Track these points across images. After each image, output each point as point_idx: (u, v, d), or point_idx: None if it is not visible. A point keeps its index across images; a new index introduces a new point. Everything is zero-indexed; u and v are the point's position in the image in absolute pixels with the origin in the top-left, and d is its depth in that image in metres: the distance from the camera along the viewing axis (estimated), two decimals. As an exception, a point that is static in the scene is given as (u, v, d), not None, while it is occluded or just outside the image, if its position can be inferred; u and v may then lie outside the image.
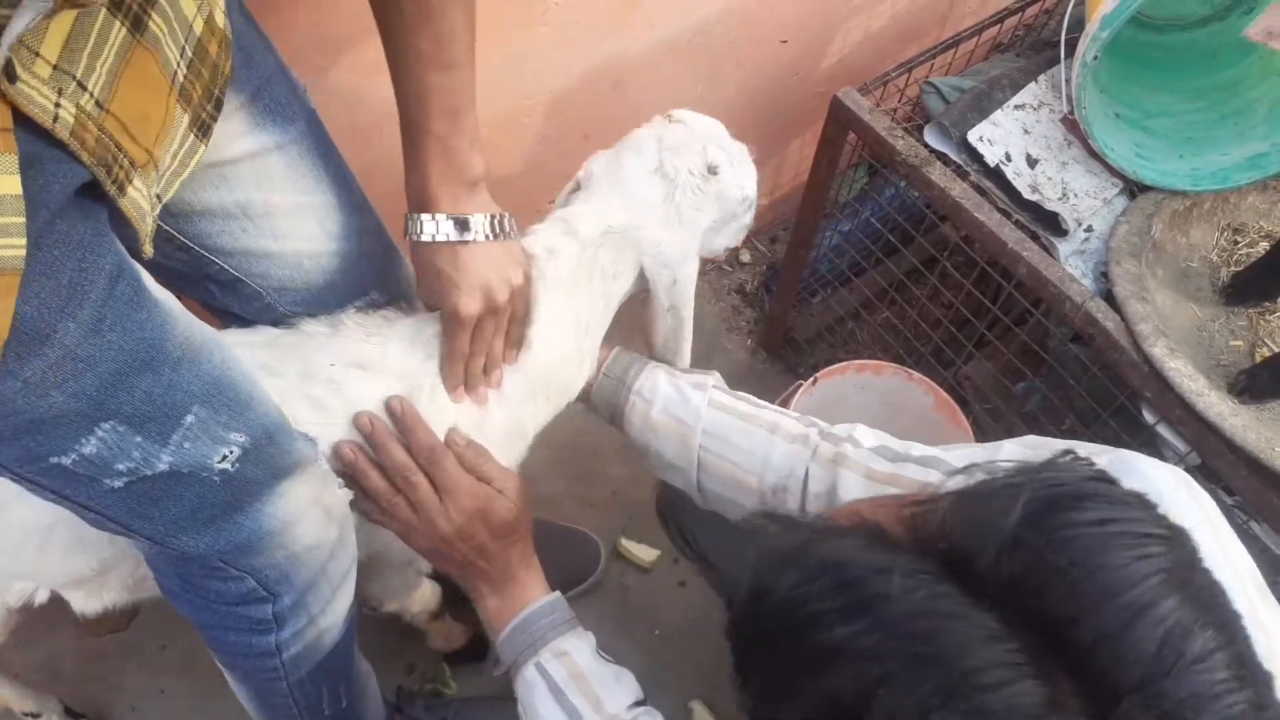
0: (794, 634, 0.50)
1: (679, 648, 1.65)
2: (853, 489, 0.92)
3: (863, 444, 0.98)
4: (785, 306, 1.89)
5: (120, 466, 0.74)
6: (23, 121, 0.59)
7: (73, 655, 1.56)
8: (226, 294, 0.98)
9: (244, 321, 1.01)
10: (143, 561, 0.98)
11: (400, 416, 0.95)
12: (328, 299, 1.01)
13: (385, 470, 0.96)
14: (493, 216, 0.95)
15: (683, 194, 0.98)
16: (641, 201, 0.98)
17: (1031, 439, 0.86)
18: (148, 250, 0.73)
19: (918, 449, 0.94)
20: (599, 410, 1.14)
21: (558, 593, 1.03)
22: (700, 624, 1.66)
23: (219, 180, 0.88)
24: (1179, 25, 1.59)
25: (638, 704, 0.95)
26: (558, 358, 1.03)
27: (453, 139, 0.90)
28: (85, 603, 1.07)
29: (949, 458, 0.90)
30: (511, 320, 1.00)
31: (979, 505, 0.50)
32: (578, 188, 1.05)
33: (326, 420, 0.95)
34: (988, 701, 0.43)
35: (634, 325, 1.14)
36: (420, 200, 0.94)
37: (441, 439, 0.98)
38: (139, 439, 0.74)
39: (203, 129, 0.79)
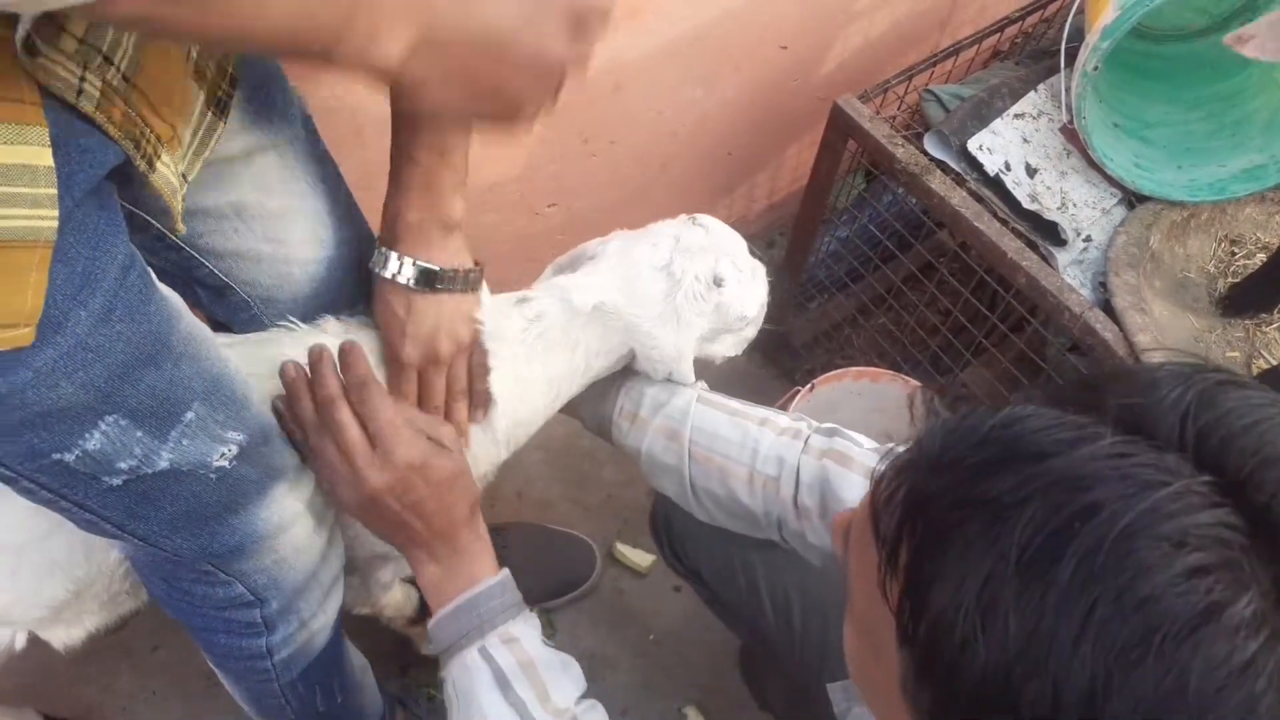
0: (977, 481, 0.49)
1: (673, 652, 1.64)
2: (856, 489, 0.92)
3: (862, 444, 0.98)
4: (783, 312, 1.89)
5: (121, 464, 0.74)
6: (49, 100, 0.59)
7: (64, 657, 1.54)
8: (213, 301, 0.97)
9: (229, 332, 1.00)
10: (117, 576, 0.97)
11: (345, 352, 0.88)
12: (314, 310, 0.99)
13: (316, 403, 0.87)
14: (461, 270, 0.93)
15: (684, 297, 0.98)
16: (643, 293, 0.99)
17: None
18: (180, 227, 0.75)
19: None
20: (586, 421, 1.14)
21: (505, 571, 0.93)
22: (695, 629, 1.65)
23: (214, 179, 0.87)
24: (1178, 36, 1.60)
25: (583, 697, 0.90)
26: (523, 417, 1.03)
27: (437, 173, 0.88)
28: (67, 633, 1.02)
29: None
30: (471, 376, 0.98)
31: (1147, 388, 0.50)
32: (584, 257, 1.05)
33: None
34: (1184, 525, 0.44)
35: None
36: (393, 230, 0.91)
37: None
38: (140, 434, 0.74)
39: (220, 106, 0.79)
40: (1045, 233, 1.42)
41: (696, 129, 1.69)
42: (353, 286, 1.03)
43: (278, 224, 0.93)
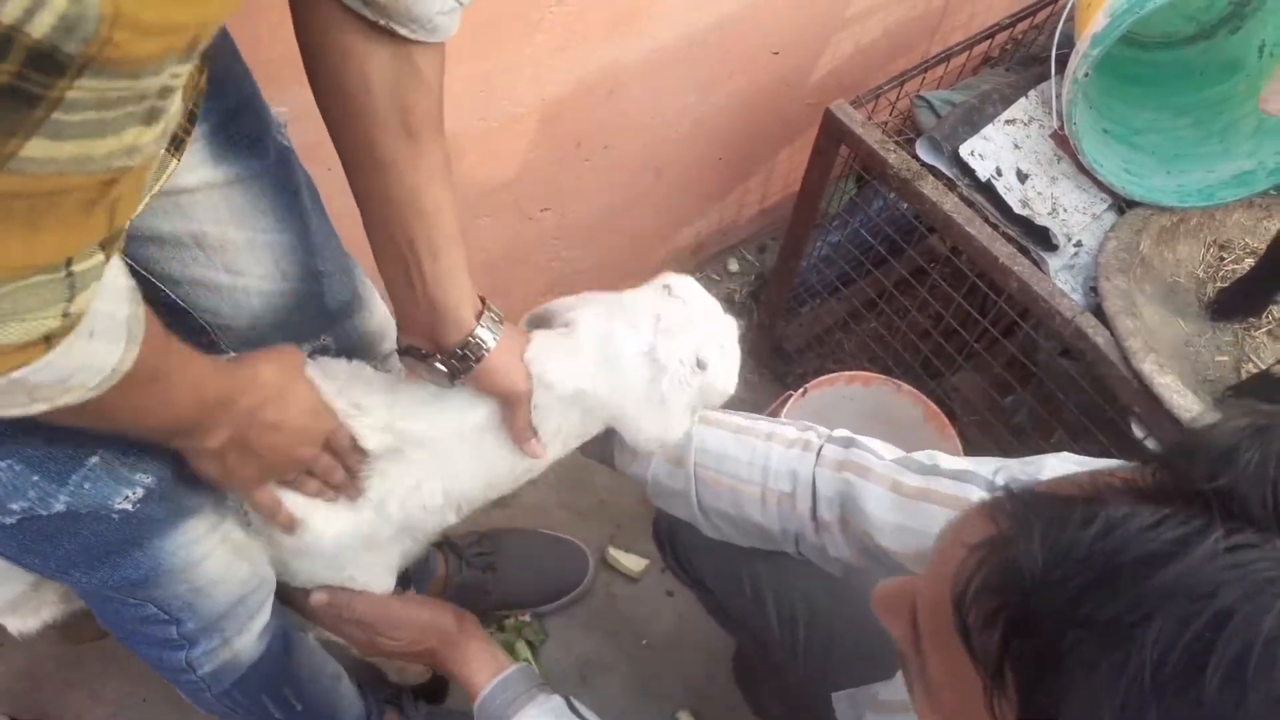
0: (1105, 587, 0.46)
1: (667, 657, 1.64)
2: (881, 502, 0.91)
3: (882, 455, 0.96)
4: (774, 316, 1.89)
5: (14, 505, 0.72)
6: None
7: (53, 662, 1.54)
8: (175, 323, 0.94)
9: None
10: None
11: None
12: (274, 340, 0.95)
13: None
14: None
15: (670, 382, 0.94)
16: (627, 380, 0.95)
17: (1076, 457, 0.84)
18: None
19: (945, 460, 0.92)
20: (586, 451, 1.11)
21: (512, 668, 1.07)
22: (688, 634, 1.65)
23: (173, 208, 0.84)
24: (1166, 43, 1.61)
25: None
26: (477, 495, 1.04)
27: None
28: (23, 623, 1.02)
29: (981, 470, 0.89)
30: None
31: (1226, 461, 0.47)
32: (557, 319, 0.99)
33: None
34: None
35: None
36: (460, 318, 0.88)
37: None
38: (36, 478, 0.72)
39: (175, 144, 0.75)
40: (1036, 238, 1.43)
41: (690, 134, 1.70)
42: (319, 320, 1.00)
43: (238, 256, 0.90)
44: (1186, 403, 1.20)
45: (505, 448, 0.97)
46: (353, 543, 0.97)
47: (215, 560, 0.89)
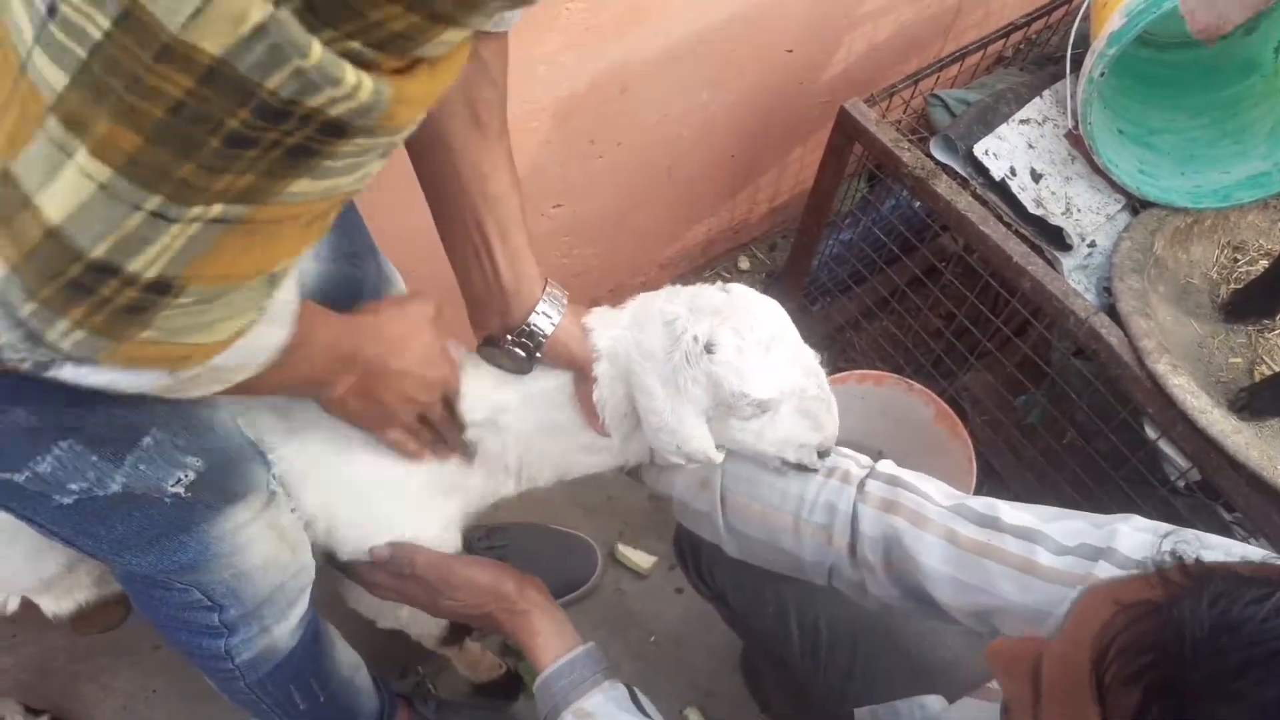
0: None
1: (674, 654, 1.64)
2: (935, 553, 0.88)
3: (935, 499, 0.92)
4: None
5: (73, 485, 0.73)
6: None
7: (64, 654, 1.55)
8: None
9: None
10: None
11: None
12: None
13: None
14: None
15: (679, 358, 0.90)
16: (648, 349, 0.92)
17: (1147, 522, 0.81)
18: None
19: (1006, 513, 0.88)
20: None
21: (578, 649, 1.01)
22: (696, 631, 1.65)
23: None
24: (1181, 44, 1.60)
25: None
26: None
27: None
28: (56, 604, 1.06)
29: (1051, 531, 0.84)
30: None
31: None
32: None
33: (289, 429, 0.93)
34: None
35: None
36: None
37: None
38: (95, 458, 0.73)
39: None
40: (1050, 237, 1.42)
41: (702, 132, 1.69)
42: (344, 298, 1.01)
43: None
44: (1200, 404, 1.19)
45: (574, 422, 0.99)
46: (433, 490, 1.01)
47: (260, 545, 0.90)
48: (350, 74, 0.40)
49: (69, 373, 0.55)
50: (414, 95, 0.44)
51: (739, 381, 0.89)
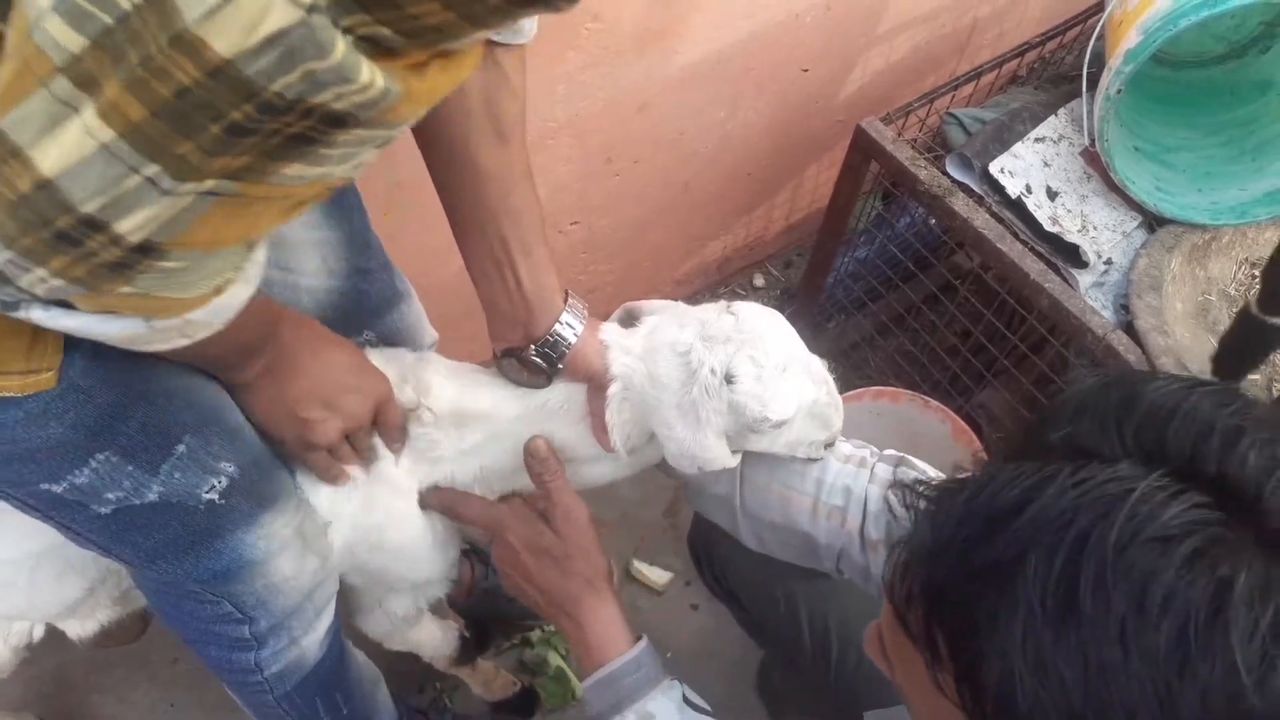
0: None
1: (690, 671, 1.63)
2: None
3: (931, 474, 0.95)
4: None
5: (110, 495, 0.74)
6: None
7: (83, 667, 1.56)
8: None
9: None
10: (125, 576, 0.98)
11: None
12: None
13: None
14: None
15: (699, 390, 0.91)
16: (663, 380, 0.92)
17: None
18: None
19: None
20: None
21: (641, 645, 0.97)
22: (712, 647, 1.65)
23: None
24: (1196, 62, 1.61)
25: None
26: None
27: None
28: (81, 628, 1.08)
29: None
30: None
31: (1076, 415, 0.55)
32: (636, 315, 1.01)
33: None
34: (1163, 522, 0.48)
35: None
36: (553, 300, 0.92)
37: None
38: (130, 468, 0.74)
39: None
40: (1066, 255, 1.43)
41: (718, 149, 1.71)
42: (362, 314, 1.03)
43: (293, 253, 0.93)
44: (1219, 421, 1.19)
45: (582, 437, 0.98)
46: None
47: (289, 553, 0.91)
48: (365, 72, 0.41)
49: (38, 314, 0.55)
50: (421, 93, 0.45)
51: (761, 408, 0.91)
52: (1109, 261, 1.44)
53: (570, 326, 0.92)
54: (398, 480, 0.98)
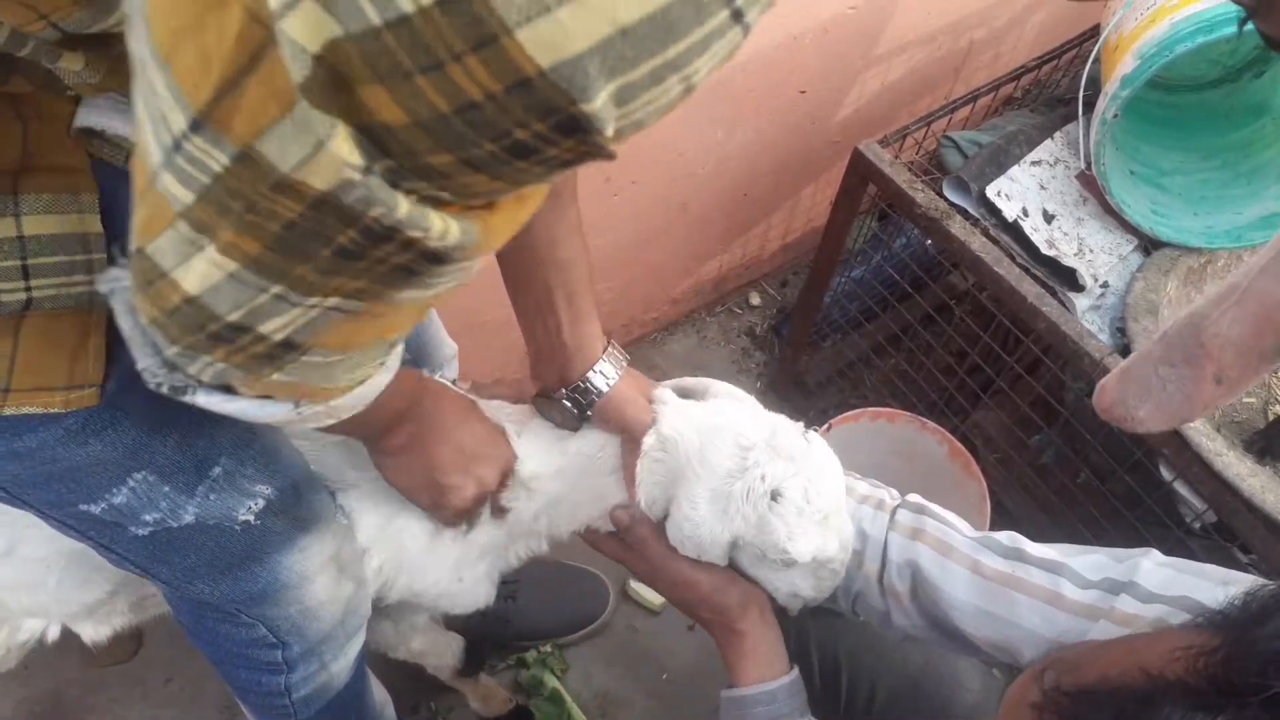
0: None
1: (687, 691, 1.64)
2: (959, 582, 0.89)
3: (961, 529, 0.93)
4: (797, 350, 1.90)
5: (147, 517, 0.75)
6: (99, 163, 0.60)
7: (77, 686, 1.55)
8: None
9: None
10: (147, 582, 0.98)
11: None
12: None
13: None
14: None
15: (741, 489, 0.89)
16: (713, 461, 0.91)
17: (1175, 560, 0.81)
18: None
19: (1029, 546, 0.89)
20: None
21: (782, 680, 0.96)
22: (709, 668, 1.65)
23: None
24: (1190, 86, 1.62)
25: None
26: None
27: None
28: (95, 630, 1.09)
29: (1075, 565, 0.84)
30: None
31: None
32: (693, 393, 1.00)
33: (353, 463, 0.95)
34: None
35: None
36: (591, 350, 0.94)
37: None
38: (167, 489, 0.75)
39: None
40: (1063, 278, 1.43)
41: (716, 170, 1.71)
42: None
43: None
44: (1216, 446, 1.19)
45: (613, 488, 0.98)
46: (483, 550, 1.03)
47: (325, 578, 0.92)
48: (437, 221, 0.43)
49: (202, 399, 0.60)
50: (501, 226, 0.48)
51: (786, 539, 0.90)
52: (1105, 284, 1.45)
53: (604, 375, 0.92)
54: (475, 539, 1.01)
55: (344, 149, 0.38)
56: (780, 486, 0.89)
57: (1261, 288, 0.68)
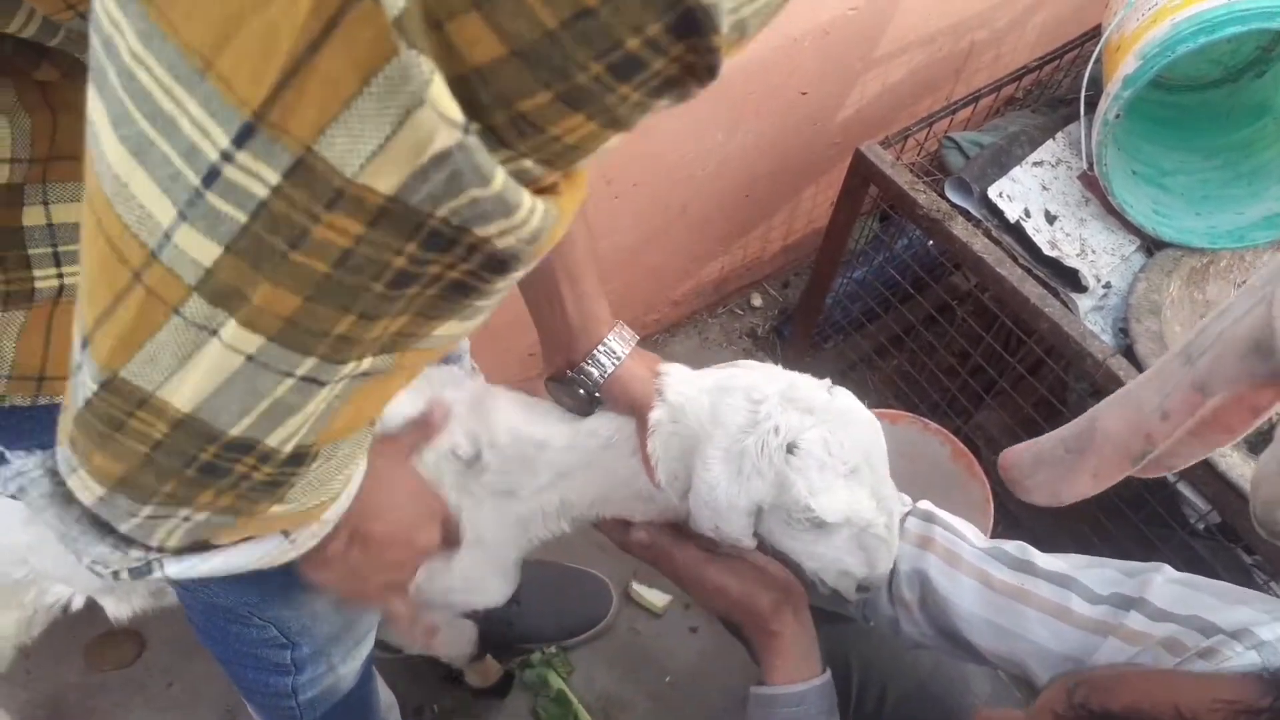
0: None
1: (689, 694, 1.63)
2: (967, 594, 0.88)
3: (970, 539, 0.92)
4: (799, 352, 1.90)
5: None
6: None
7: (78, 690, 1.55)
8: None
9: None
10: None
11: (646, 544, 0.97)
12: None
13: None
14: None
15: (753, 443, 0.82)
16: (724, 417, 0.84)
17: (1188, 576, 0.80)
18: None
19: (1039, 558, 0.88)
20: None
21: (815, 681, 0.93)
22: (711, 670, 1.64)
23: None
24: (1192, 86, 1.62)
25: None
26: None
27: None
28: (116, 608, 1.13)
29: (1085, 579, 0.83)
30: None
31: None
32: None
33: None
34: None
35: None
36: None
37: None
38: None
39: None
40: (1065, 279, 1.43)
41: (717, 172, 1.71)
42: None
43: None
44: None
45: (632, 470, 0.91)
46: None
47: None
48: (527, 200, 0.37)
49: (172, 569, 0.53)
50: (568, 211, 0.41)
51: (807, 494, 0.81)
52: (1108, 285, 1.44)
53: (609, 353, 0.90)
54: (486, 522, 0.95)
55: (443, 100, 0.32)
56: (797, 439, 0.81)
57: (1139, 395, 0.69)
